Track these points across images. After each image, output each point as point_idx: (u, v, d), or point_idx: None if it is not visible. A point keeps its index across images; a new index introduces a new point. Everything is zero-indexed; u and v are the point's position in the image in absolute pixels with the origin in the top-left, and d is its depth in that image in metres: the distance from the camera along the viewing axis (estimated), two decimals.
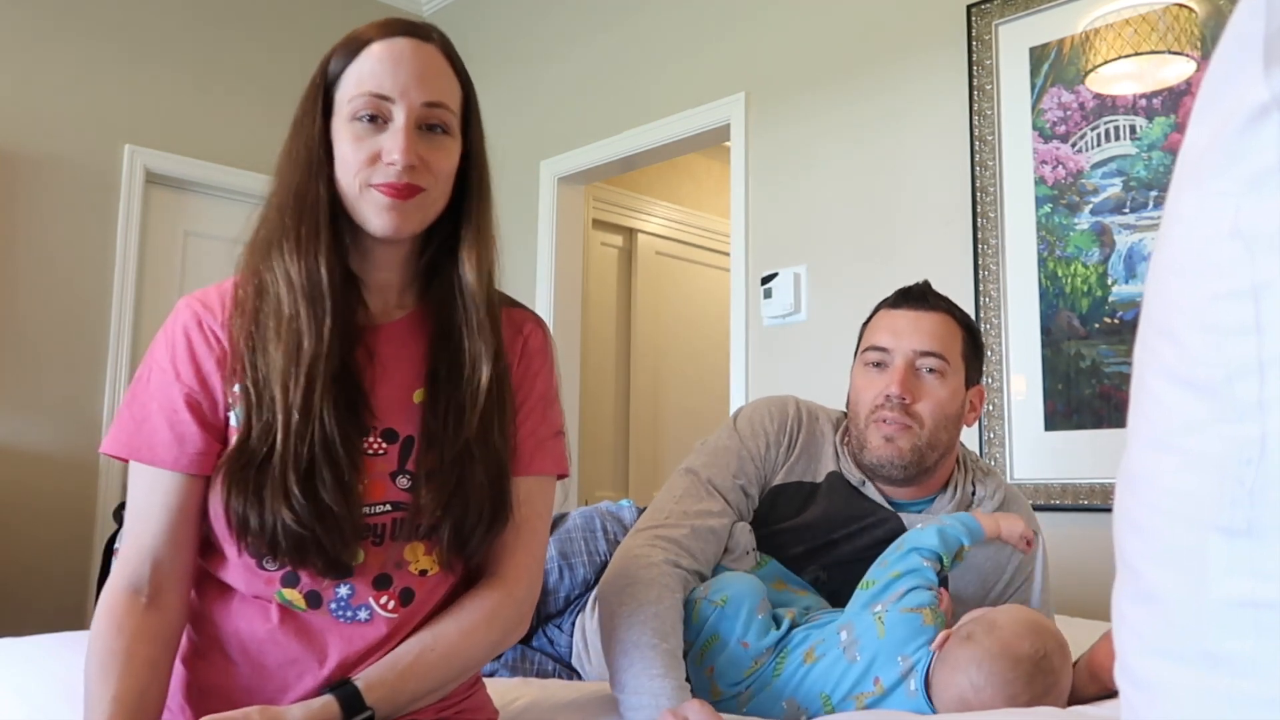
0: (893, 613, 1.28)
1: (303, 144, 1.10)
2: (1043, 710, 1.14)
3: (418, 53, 1.10)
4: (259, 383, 1.05)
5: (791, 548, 1.49)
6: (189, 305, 1.12)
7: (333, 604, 1.07)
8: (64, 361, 3.56)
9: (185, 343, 1.09)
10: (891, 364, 1.50)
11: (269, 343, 1.06)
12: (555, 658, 1.78)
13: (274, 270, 1.08)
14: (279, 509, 1.01)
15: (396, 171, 1.05)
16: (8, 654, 1.52)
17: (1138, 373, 0.52)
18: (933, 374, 1.50)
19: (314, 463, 1.03)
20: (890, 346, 1.51)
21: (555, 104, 4.02)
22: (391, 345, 1.13)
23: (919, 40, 2.91)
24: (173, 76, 3.88)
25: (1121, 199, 2.47)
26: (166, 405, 1.07)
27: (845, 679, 1.28)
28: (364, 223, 1.08)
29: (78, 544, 3.53)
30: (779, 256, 3.21)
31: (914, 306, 1.54)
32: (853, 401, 1.55)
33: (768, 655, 1.35)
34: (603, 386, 4.67)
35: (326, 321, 1.05)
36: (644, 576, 1.33)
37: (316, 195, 1.08)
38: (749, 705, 1.33)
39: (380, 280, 1.14)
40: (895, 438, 1.48)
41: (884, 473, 1.50)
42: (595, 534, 1.87)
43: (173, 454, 1.06)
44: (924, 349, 1.50)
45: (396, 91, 1.07)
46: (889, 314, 1.56)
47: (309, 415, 1.03)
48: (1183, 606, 0.47)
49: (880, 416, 1.48)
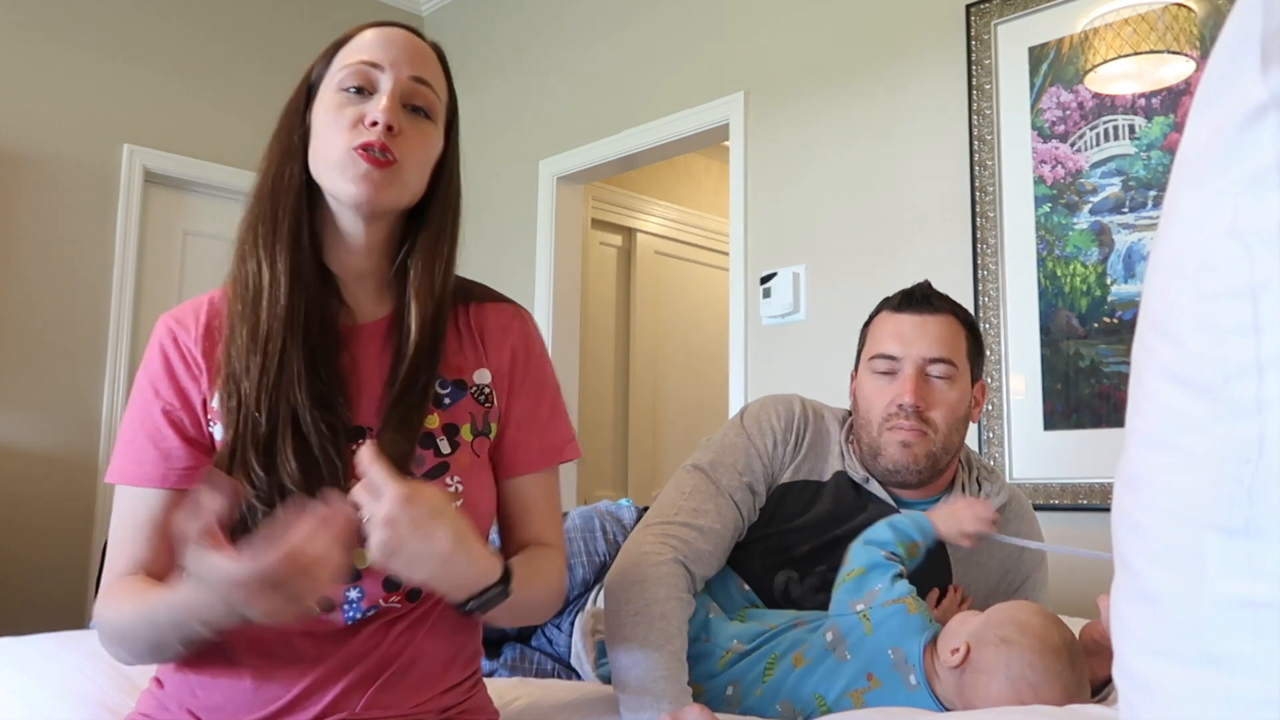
0: (876, 609, 1.29)
1: (284, 133, 1.11)
2: (1042, 709, 1.14)
3: (411, 39, 1.13)
4: (230, 371, 1.06)
5: (799, 546, 1.49)
6: (165, 323, 1.14)
7: (345, 606, 1.07)
8: (63, 361, 3.56)
9: (162, 360, 1.11)
10: (902, 372, 1.50)
11: (236, 330, 1.07)
12: (554, 657, 1.78)
13: (246, 259, 1.09)
14: (244, 488, 1.01)
15: (378, 131, 1.05)
16: (7, 654, 1.51)
17: (1136, 372, 0.52)
18: (942, 379, 1.50)
19: (274, 437, 1.03)
20: (899, 354, 1.50)
21: (554, 104, 4.02)
22: (373, 345, 1.14)
23: (918, 40, 2.91)
24: (172, 76, 3.88)
25: (1120, 198, 2.47)
26: (149, 424, 1.09)
27: (837, 678, 1.28)
28: (337, 193, 1.08)
29: (77, 544, 3.52)
30: (778, 256, 3.21)
31: (919, 310, 1.53)
32: (862, 409, 1.54)
33: (738, 649, 1.36)
34: (602, 386, 4.67)
35: (282, 300, 1.05)
36: (652, 575, 1.33)
37: (290, 177, 1.09)
38: (740, 708, 1.33)
39: (357, 271, 1.14)
40: (912, 444, 1.48)
41: (898, 478, 1.51)
42: (594, 534, 1.87)
43: (160, 471, 1.07)
44: (933, 355, 1.50)
45: (386, 60, 1.08)
46: (893, 318, 1.55)
47: (264, 390, 1.03)
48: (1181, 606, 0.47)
49: (895, 424, 1.48)
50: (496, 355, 1.19)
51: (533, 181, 4.03)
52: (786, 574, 1.50)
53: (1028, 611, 1.25)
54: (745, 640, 1.37)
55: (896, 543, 1.35)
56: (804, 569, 1.49)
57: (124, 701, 1.32)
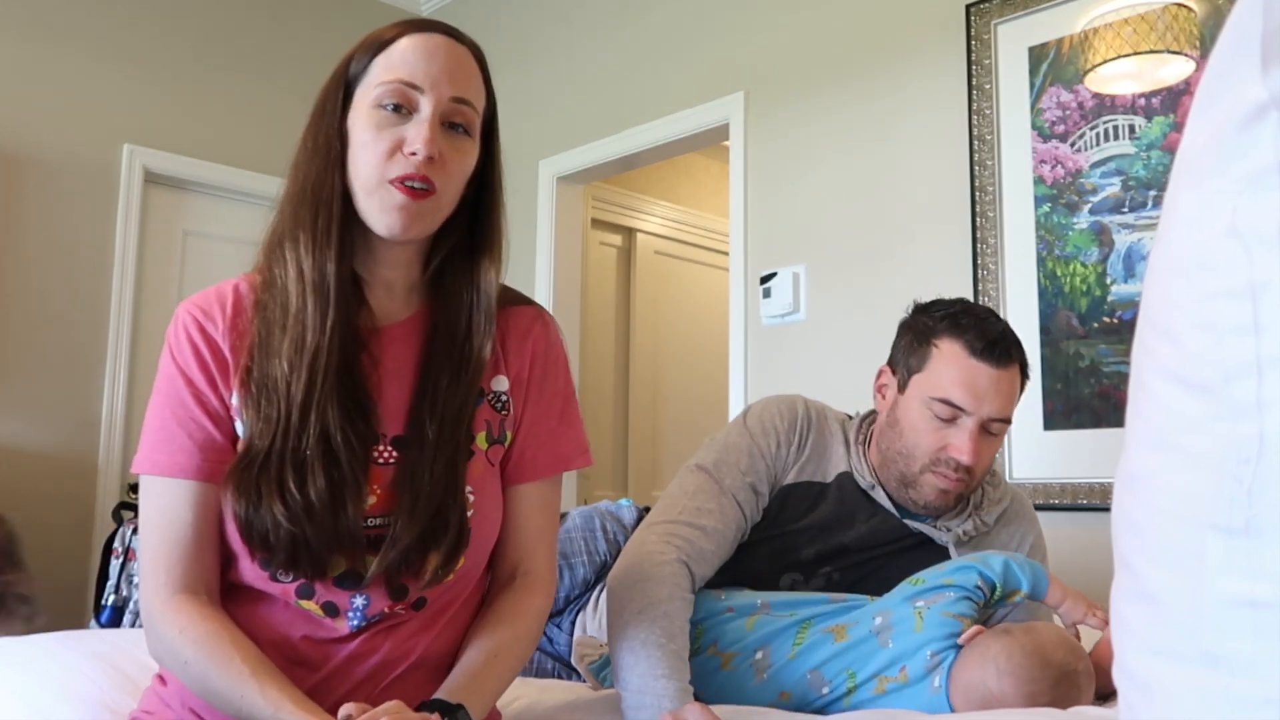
0: (933, 612, 1.29)
1: (321, 137, 1.08)
2: (1043, 711, 1.14)
3: (452, 50, 1.09)
4: (263, 381, 1.04)
5: (803, 549, 1.49)
6: (188, 311, 1.10)
7: (350, 613, 1.06)
8: (63, 361, 3.56)
9: (190, 348, 1.07)
10: (963, 425, 1.44)
11: (274, 337, 1.04)
12: (555, 657, 1.79)
13: (285, 263, 1.06)
14: (273, 504, 1.00)
15: (417, 162, 1.03)
16: (8, 654, 1.51)
17: (1136, 372, 0.52)
18: (996, 435, 1.47)
19: (309, 459, 1.01)
20: (969, 409, 1.43)
21: (554, 103, 4.02)
22: (396, 347, 1.12)
23: (918, 39, 2.91)
24: (172, 76, 3.87)
25: (1120, 198, 2.47)
26: (181, 414, 1.06)
27: (872, 661, 1.30)
28: (371, 221, 1.06)
29: (77, 544, 3.52)
30: (778, 256, 3.20)
31: (998, 364, 1.44)
32: (907, 438, 1.48)
33: (763, 612, 1.38)
34: (602, 386, 4.67)
35: (331, 315, 1.04)
36: (656, 574, 1.33)
37: (332, 188, 1.06)
38: (769, 672, 1.34)
39: (385, 279, 1.13)
40: (950, 491, 1.47)
41: (925, 512, 1.51)
42: (595, 534, 1.87)
43: (194, 462, 1.05)
44: (1000, 416, 1.45)
45: (427, 82, 1.05)
46: (969, 364, 1.44)
47: (308, 410, 1.02)
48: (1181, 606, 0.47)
49: (941, 472, 1.46)
50: (516, 361, 1.17)
51: (533, 181, 4.03)
52: (791, 576, 1.50)
53: (1050, 627, 1.26)
54: (772, 603, 1.40)
55: (999, 584, 1.34)
56: (809, 571, 1.50)
57: (125, 701, 1.32)
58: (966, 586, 1.32)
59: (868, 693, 1.29)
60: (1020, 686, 1.19)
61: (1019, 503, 1.61)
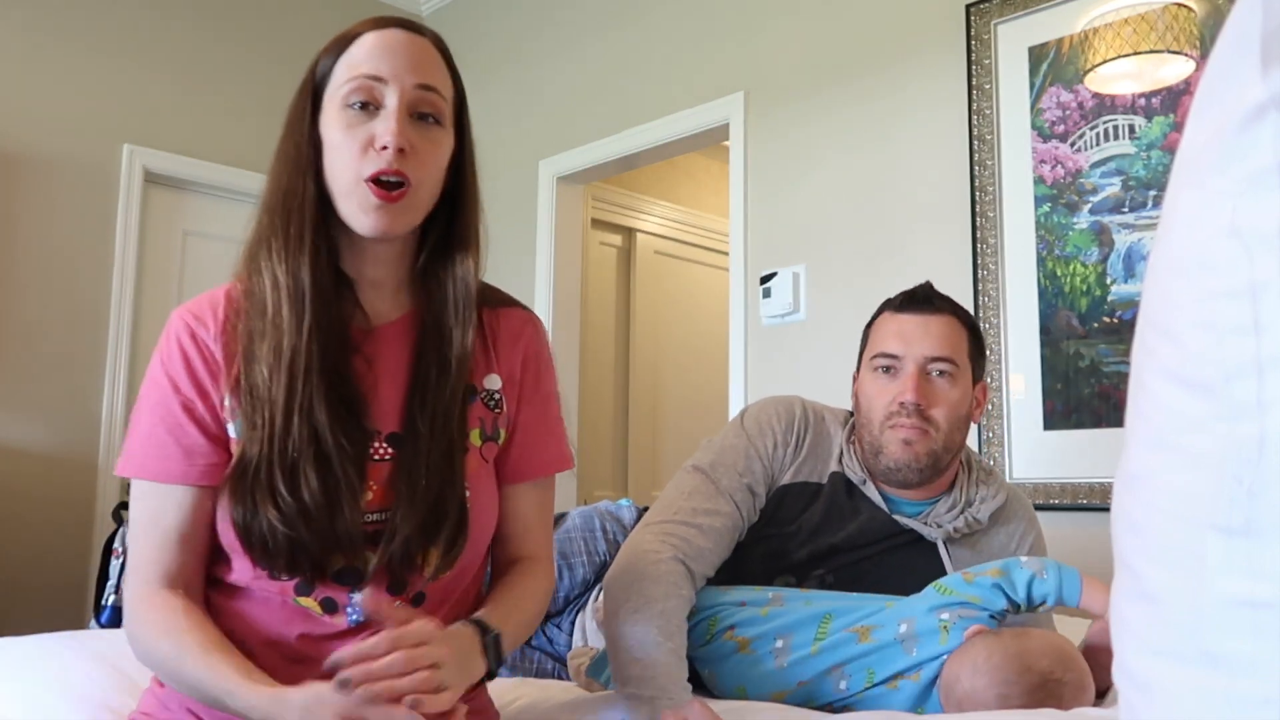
0: (959, 626, 1.29)
1: (292, 143, 1.09)
2: (1043, 712, 1.14)
3: (412, 42, 1.10)
4: (251, 388, 1.05)
5: (796, 551, 1.49)
6: (181, 317, 1.11)
7: (348, 609, 1.07)
8: (63, 361, 3.56)
9: (180, 355, 1.09)
10: (903, 370, 1.51)
11: (256, 345, 1.06)
12: (554, 656, 1.79)
13: (261, 271, 1.07)
14: (267, 509, 1.01)
15: (388, 157, 1.04)
16: (7, 654, 1.51)
17: (1136, 372, 0.52)
18: (943, 377, 1.51)
19: (298, 462, 1.02)
20: (901, 353, 1.52)
21: (554, 104, 4.02)
22: (390, 347, 1.13)
23: (918, 40, 2.91)
24: (172, 76, 3.87)
25: (1120, 198, 2.47)
26: (170, 420, 1.07)
27: (894, 663, 1.31)
28: (351, 222, 1.07)
29: (77, 544, 3.52)
30: (778, 256, 3.20)
31: (920, 310, 1.54)
32: (864, 408, 1.55)
33: (775, 604, 1.39)
34: (602, 386, 4.67)
35: (307, 319, 1.05)
36: (652, 573, 1.33)
37: (304, 194, 1.07)
38: (789, 660, 1.35)
39: (374, 277, 1.13)
40: (913, 442, 1.49)
41: (899, 476, 1.51)
42: (595, 534, 1.87)
43: (182, 468, 1.06)
44: (934, 354, 1.51)
45: (390, 73, 1.06)
46: (895, 318, 1.56)
47: (291, 414, 1.03)
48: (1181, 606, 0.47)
49: (897, 422, 1.50)
50: (507, 361, 1.19)
51: (532, 181, 4.03)
52: (785, 579, 1.50)
53: (1045, 635, 1.26)
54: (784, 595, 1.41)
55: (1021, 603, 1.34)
56: (802, 574, 1.50)
57: (125, 701, 1.32)
58: (993, 609, 1.32)
59: (881, 689, 1.31)
60: (992, 687, 1.18)
61: (1016, 501, 1.60)
